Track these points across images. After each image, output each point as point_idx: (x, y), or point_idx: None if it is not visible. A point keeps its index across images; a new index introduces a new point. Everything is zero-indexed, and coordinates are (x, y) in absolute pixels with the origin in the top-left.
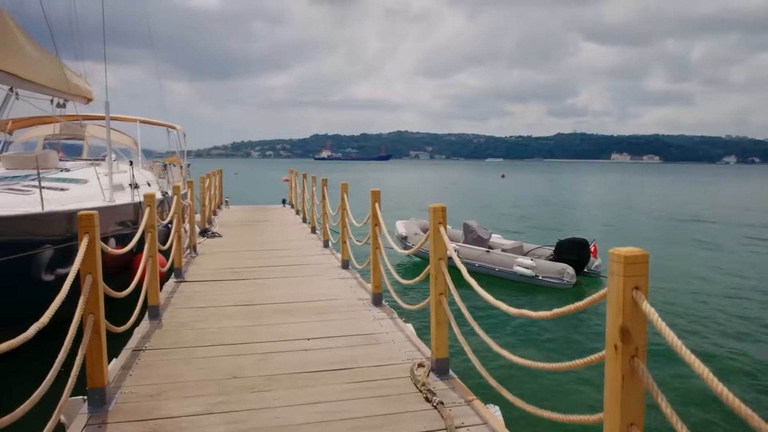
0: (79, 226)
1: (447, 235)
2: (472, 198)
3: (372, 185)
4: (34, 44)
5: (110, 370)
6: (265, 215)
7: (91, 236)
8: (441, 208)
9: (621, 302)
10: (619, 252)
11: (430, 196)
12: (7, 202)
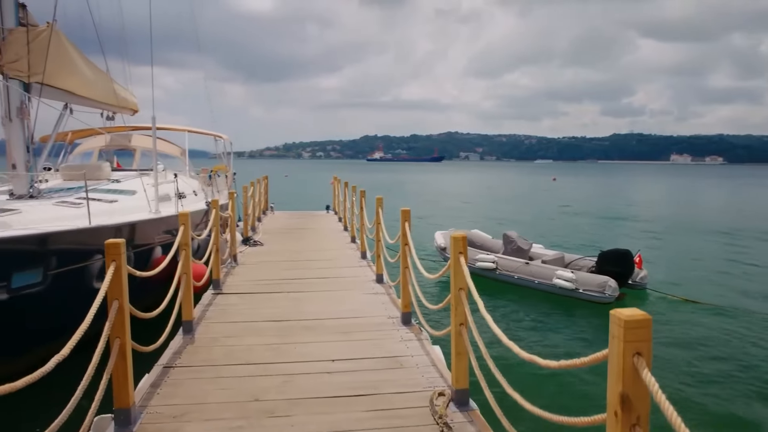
0: (107, 254)
1: (488, 245)
2: (521, 204)
3: (422, 187)
4: (87, 62)
5: (140, 387)
6: (308, 222)
7: (117, 264)
8: (462, 238)
9: (621, 368)
10: (620, 314)
11: (479, 202)
12: (60, 215)
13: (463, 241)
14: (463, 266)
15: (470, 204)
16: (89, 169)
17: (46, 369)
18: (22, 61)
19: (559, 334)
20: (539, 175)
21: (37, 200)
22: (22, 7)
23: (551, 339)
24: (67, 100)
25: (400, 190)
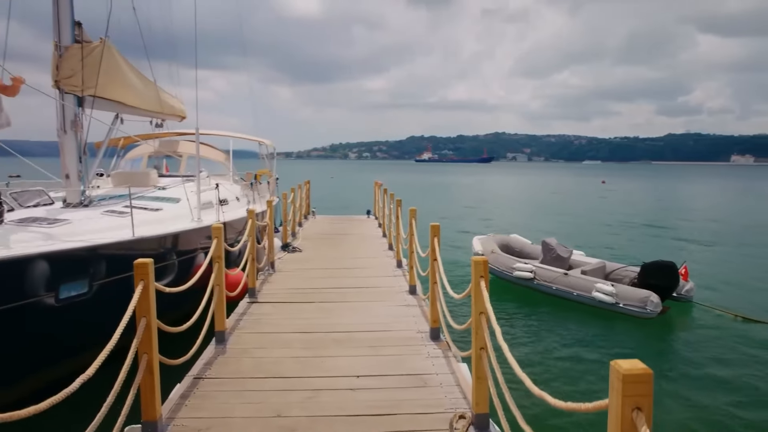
0: (135, 274)
1: (527, 251)
2: (566, 208)
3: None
4: (137, 74)
5: (171, 397)
6: (348, 227)
7: (145, 283)
8: (483, 262)
9: (619, 422)
10: (619, 367)
11: (523, 205)
12: (107, 225)
13: (484, 264)
14: (484, 291)
15: (513, 207)
16: (137, 176)
17: (71, 389)
18: (76, 76)
19: (596, 350)
20: (587, 177)
21: (88, 208)
22: (77, 25)
23: (588, 355)
24: (118, 110)
25: (444, 193)
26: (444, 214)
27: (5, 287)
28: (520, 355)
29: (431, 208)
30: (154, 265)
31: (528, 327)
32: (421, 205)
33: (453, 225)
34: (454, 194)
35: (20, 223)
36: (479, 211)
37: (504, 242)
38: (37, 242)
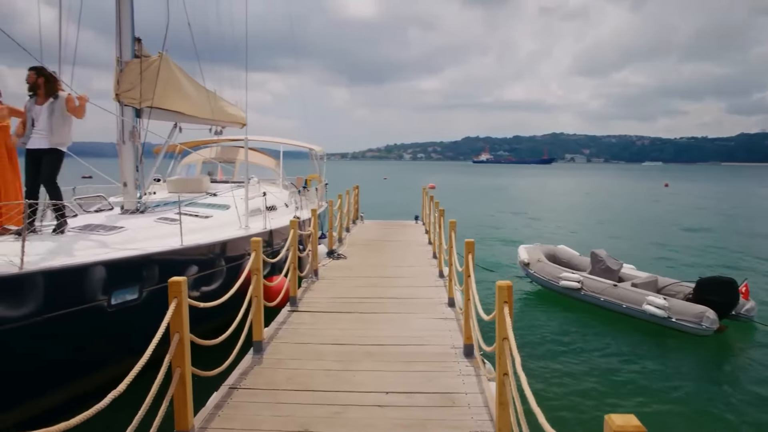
0: (170, 291)
1: (575, 262)
2: (623, 214)
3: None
4: (194, 84)
5: (206, 406)
6: (395, 233)
7: (179, 300)
8: (507, 287)
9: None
10: (611, 422)
11: (576, 211)
12: (159, 232)
13: (508, 290)
14: (507, 317)
15: (566, 213)
16: (190, 183)
17: (102, 405)
18: (135, 90)
19: (643, 367)
20: (649, 180)
21: (144, 215)
22: (137, 41)
23: (633, 371)
24: (175, 119)
25: (497, 196)
26: (494, 219)
27: (64, 293)
28: (563, 366)
29: (481, 212)
30: (201, 272)
31: (572, 338)
32: (471, 209)
33: (502, 230)
34: (508, 197)
35: (81, 231)
36: (531, 216)
37: (551, 252)
38: (94, 250)
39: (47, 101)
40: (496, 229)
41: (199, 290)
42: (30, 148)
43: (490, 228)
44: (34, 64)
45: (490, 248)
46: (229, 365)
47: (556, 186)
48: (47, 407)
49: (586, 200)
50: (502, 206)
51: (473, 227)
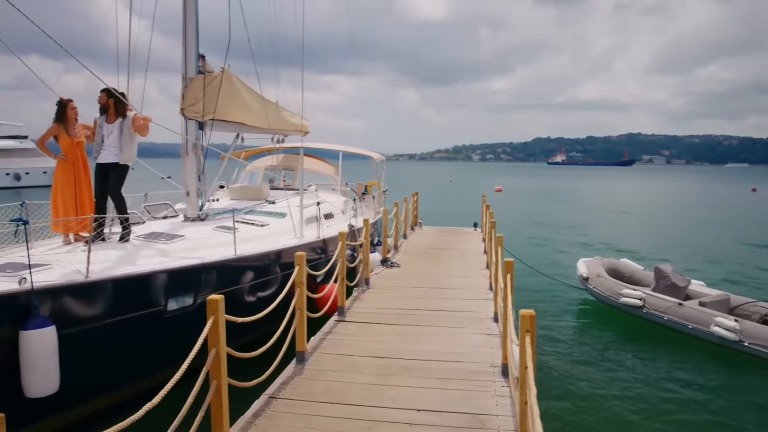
0: (207, 308)
1: (638, 277)
2: (700, 224)
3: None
4: (255, 96)
5: (244, 415)
6: (451, 241)
7: (216, 318)
8: (530, 316)
9: None
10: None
11: (647, 219)
12: (216, 241)
13: (531, 319)
14: (528, 346)
15: (636, 221)
16: (250, 190)
17: (136, 416)
18: (198, 104)
19: (708, 396)
20: (735, 183)
21: (204, 222)
22: (201, 57)
23: (696, 401)
24: (238, 130)
25: (568, 200)
26: (562, 226)
27: (124, 299)
28: (617, 390)
29: (549, 218)
30: (254, 280)
31: (631, 359)
32: (538, 215)
33: (569, 238)
34: (580, 202)
35: (145, 239)
36: (601, 223)
37: (612, 266)
38: (155, 258)
39: (117, 120)
40: (563, 236)
41: (252, 297)
42: (100, 162)
43: (557, 235)
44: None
45: (553, 256)
46: (272, 374)
47: (634, 190)
48: (111, 403)
49: (662, 207)
50: (573, 212)
51: (538, 235)
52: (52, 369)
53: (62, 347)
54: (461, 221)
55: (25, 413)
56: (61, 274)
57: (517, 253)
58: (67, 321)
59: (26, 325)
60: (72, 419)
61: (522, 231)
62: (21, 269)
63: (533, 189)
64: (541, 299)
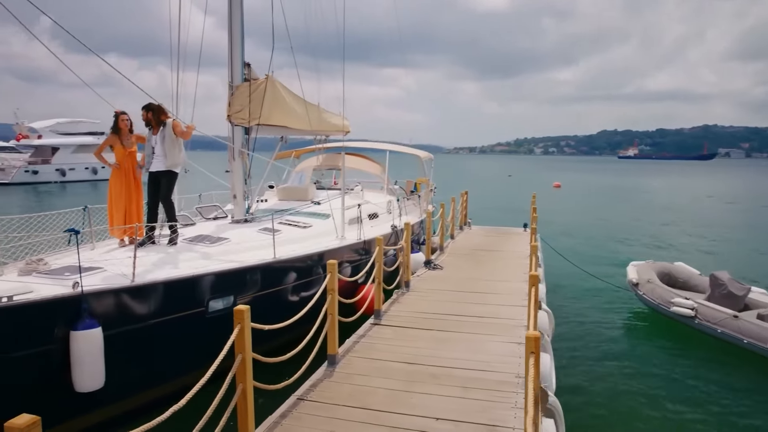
0: (234, 318)
1: (693, 283)
2: None
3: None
4: (298, 100)
5: (273, 415)
6: (499, 242)
7: (242, 326)
8: (534, 338)
9: None
10: None
11: (715, 219)
12: (258, 243)
13: (536, 341)
14: (531, 367)
15: (714, 220)
16: (297, 191)
17: (162, 418)
18: (244, 110)
19: (764, 417)
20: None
21: (250, 224)
22: (247, 66)
23: (747, 421)
24: (281, 133)
25: (634, 198)
26: (625, 227)
27: (167, 302)
28: (659, 405)
29: (611, 219)
30: (294, 281)
31: (677, 373)
32: (599, 215)
33: (630, 240)
34: (648, 201)
35: (191, 242)
36: (672, 225)
37: (665, 271)
38: (198, 261)
39: (159, 130)
40: (624, 237)
41: (291, 297)
42: (151, 171)
43: (616, 236)
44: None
45: (611, 257)
46: (304, 375)
47: (711, 187)
48: (153, 398)
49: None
50: (639, 211)
51: (596, 234)
52: (98, 366)
53: (108, 346)
54: (514, 220)
55: (75, 406)
56: (110, 278)
57: (569, 254)
58: (113, 322)
59: (76, 326)
60: (116, 413)
61: (577, 230)
62: (76, 272)
63: (597, 185)
64: (589, 303)
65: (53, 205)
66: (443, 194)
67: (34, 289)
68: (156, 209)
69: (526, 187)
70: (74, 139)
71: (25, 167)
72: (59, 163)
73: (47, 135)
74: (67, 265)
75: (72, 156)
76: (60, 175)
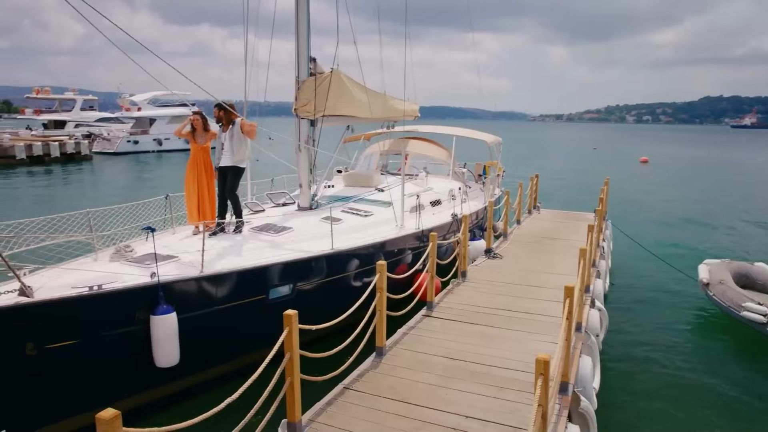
0: (284, 321)
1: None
2: None
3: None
4: (363, 90)
5: (320, 402)
6: (566, 229)
7: (290, 329)
8: (544, 362)
9: None
10: None
11: None
12: (319, 232)
13: (545, 365)
14: (538, 388)
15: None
16: (362, 177)
17: (217, 410)
18: (310, 104)
19: None
20: None
21: (314, 212)
22: (312, 60)
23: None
24: (347, 122)
25: (735, 179)
26: (721, 216)
27: (232, 290)
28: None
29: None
30: (353, 270)
31: (743, 382)
32: (696, 195)
33: (719, 231)
34: (754, 184)
35: (257, 231)
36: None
37: (743, 271)
38: (263, 251)
39: (229, 128)
40: (721, 227)
41: (348, 285)
42: (220, 166)
43: (712, 224)
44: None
45: (693, 251)
46: (354, 364)
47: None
48: (220, 374)
49: None
50: (747, 200)
51: (679, 223)
52: (173, 346)
53: (181, 329)
54: (590, 203)
55: (156, 379)
56: (182, 267)
57: (646, 241)
58: (185, 307)
59: (155, 311)
60: (190, 384)
61: (658, 215)
62: (156, 261)
63: (696, 160)
64: (656, 298)
65: (150, 174)
66: (517, 167)
67: (119, 278)
68: (225, 201)
69: (611, 161)
70: (168, 111)
71: (127, 137)
72: (156, 134)
73: (145, 107)
74: (148, 252)
75: (167, 126)
76: (157, 144)
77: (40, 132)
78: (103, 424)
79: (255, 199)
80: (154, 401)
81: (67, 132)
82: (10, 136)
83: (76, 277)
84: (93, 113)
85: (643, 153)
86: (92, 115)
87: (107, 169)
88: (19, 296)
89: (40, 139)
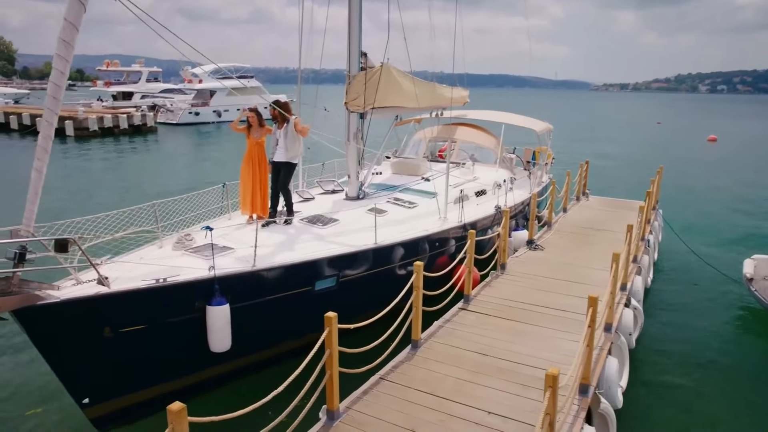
0: (325, 322)
1: None
2: None
3: None
4: (412, 81)
5: (357, 390)
6: (612, 220)
7: (330, 329)
8: (552, 377)
9: None
10: None
11: None
12: (365, 224)
13: (554, 379)
14: (546, 400)
15: None
16: (409, 166)
17: (263, 402)
18: (360, 98)
19: None
20: None
21: (361, 201)
22: (363, 55)
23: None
24: (396, 113)
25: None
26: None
27: (281, 282)
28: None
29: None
30: (398, 261)
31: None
32: (749, 186)
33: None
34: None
35: (306, 222)
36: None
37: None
38: (310, 243)
39: (283, 125)
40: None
41: (391, 276)
42: (274, 161)
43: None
44: None
45: (714, 255)
46: (391, 354)
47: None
48: (268, 357)
49: None
50: None
51: (741, 216)
52: (226, 333)
53: (233, 317)
54: (645, 187)
55: (210, 361)
56: (237, 260)
57: (698, 232)
58: (238, 298)
59: (210, 302)
60: (240, 366)
61: (717, 204)
62: (214, 252)
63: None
64: (699, 294)
65: (210, 146)
66: (569, 145)
67: (181, 271)
68: (277, 194)
69: (673, 141)
70: (227, 83)
71: (189, 109)
72: (216, 105)
73: (206, 79)
74: (207, 243)
75: (226, 99)
76: (216, 116)
77: (110, 103)
78: (172, 414)
79: (305, 186)
80: (210, 379)
81: (134, 103)
82: (84, 109)
83: (143, 269)
84: (158, 84)
85: (713, 130)
86: (157, 87)
87: (170, 141)
88: (97, 285)
89: (110, 111)
